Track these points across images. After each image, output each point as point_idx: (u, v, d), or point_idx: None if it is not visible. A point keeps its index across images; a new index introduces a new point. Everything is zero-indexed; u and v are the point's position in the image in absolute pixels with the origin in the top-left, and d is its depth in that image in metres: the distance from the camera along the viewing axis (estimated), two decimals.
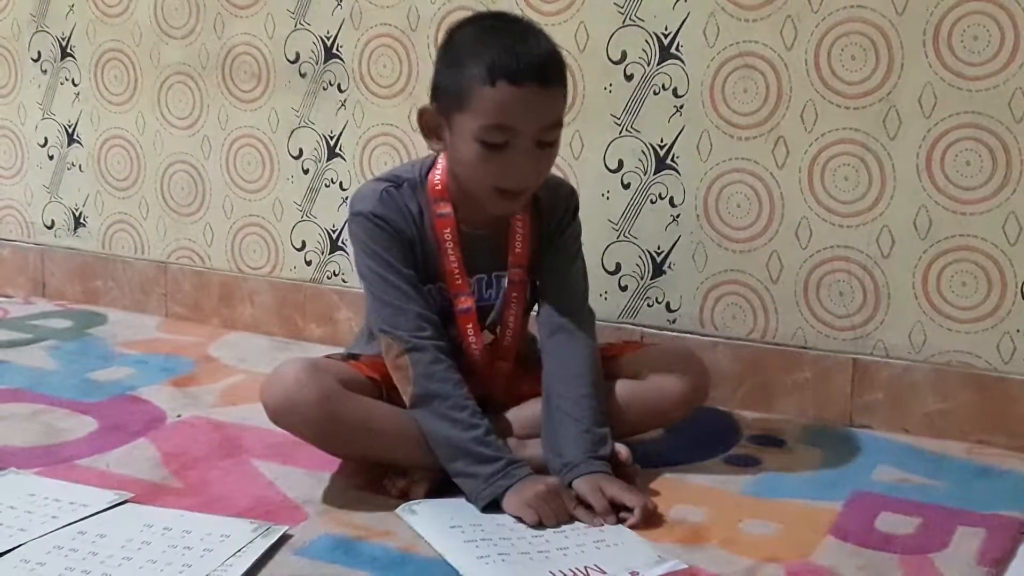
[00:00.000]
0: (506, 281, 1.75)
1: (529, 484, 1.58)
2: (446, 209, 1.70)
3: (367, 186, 1.74)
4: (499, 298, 1.75)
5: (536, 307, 1.80)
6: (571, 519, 1.57)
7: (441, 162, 1.71)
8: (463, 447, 1.60)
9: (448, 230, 1.70)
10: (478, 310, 1.74)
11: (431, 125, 1.67)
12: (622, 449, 1.69)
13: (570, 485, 1.61)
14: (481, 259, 1.74)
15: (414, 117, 1.74)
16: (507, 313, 1.76)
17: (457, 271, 1.71)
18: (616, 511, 1.58)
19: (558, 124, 1.64)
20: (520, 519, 1.55)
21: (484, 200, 1.66)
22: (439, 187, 1.71)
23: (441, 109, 1.65)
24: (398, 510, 1.59)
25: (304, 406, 1.59)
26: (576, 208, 1.82)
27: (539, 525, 1.54)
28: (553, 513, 1.56)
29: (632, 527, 1.55)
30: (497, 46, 1.59)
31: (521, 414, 1.75)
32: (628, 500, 1.58)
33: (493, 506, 1.58)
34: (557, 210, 1.79)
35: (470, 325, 1.73)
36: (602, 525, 1.55)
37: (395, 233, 1.68)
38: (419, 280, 1.69)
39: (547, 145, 1.63)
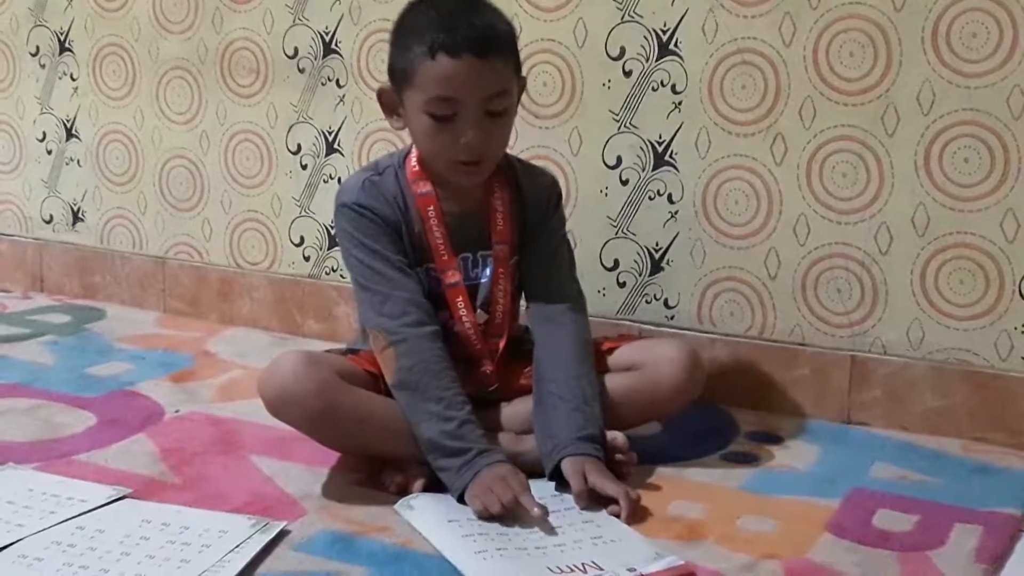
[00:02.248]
0: (491, 259, 1.75)
1: (484, 473, 1.56)
2: (426, 188, 1.72)
3: (349, 179, 1.78)
4: (485, 278, 1.76)
5: (524, 298, 1.81)
6: (517, 502, 1.52)
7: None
8: (436, 441, 1.60)
9: (431, 207, 1.72)
10: (467, 288, 1.74)
11: (389, 104, 1.72)
12: (619, 436, 1.69)
13: (559, 467, 1.62)
14: (465, 238, 1.75)
15: None
16: (496, 290, 1.76)
17: (443, 247, 1.72)
18: (602, 503, 1.58)
19: (503, 93, 1.65)
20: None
21: (445, 172, 1.69)
22: (416, 168, 1.73)
23: (395, 87, 1.70)
24: (396, 505, 1.59)
25: (302, 398, 1.60)
26: (559, 197, 1.84)
27: (485, 513, 1.52)
28: (496, 498, 1.53)
29: (622, 518, 1.55)
30: (438, 21, 1.63)
31: (518, 409, 1.75)
32: (610, 489, 1.58)
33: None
34: (540, 200, 1.80)
35: (460, 299, 1.73)
36: (543, 514, 1.52)
37: (380, 221, 1.70)
38: (408, 264, 1.71)
39: (497, 115, 1.65)
